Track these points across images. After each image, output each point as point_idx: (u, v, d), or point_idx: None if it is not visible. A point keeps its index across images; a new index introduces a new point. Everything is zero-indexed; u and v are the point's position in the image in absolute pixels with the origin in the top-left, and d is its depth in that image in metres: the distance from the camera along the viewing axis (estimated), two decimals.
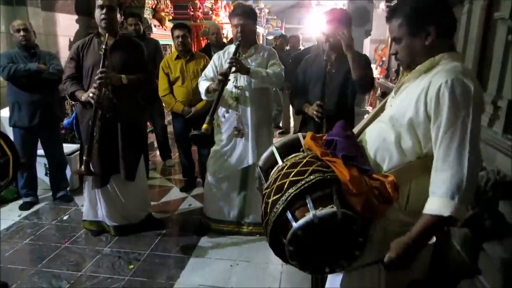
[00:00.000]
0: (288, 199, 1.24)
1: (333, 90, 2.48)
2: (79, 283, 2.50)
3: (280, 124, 7.05)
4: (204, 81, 2.89)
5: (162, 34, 6.02)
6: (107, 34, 2.71)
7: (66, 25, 5.35)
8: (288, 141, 1.56)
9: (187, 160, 4.04)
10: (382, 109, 1.50)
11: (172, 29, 3.76)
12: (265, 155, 1.56)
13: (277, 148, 1.52)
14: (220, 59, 2.91)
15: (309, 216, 1.19)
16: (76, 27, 5.54)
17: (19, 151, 2.15)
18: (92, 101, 2.63)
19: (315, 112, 2.43)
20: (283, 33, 10.17)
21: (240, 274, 2.59)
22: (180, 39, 3.63)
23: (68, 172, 3.83)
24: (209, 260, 2.76)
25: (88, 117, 2.72)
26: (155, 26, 6.12)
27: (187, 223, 3.35)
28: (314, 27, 10.29)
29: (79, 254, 2.84)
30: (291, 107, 6.60)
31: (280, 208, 1.25)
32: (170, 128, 4.66)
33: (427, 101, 1.24)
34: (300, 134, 1.55)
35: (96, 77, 2.63)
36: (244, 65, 2.70)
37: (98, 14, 2.74)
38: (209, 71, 2.94)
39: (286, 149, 1.52)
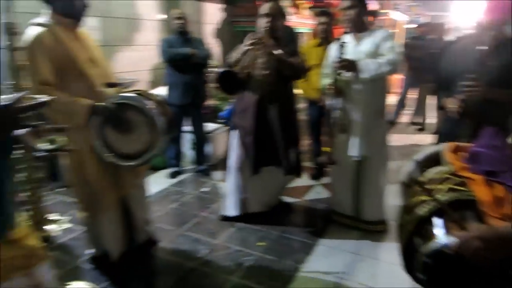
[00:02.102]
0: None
1: (490, 85, 2.16)
2: (215, 250, 2.74)
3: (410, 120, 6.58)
4: (325, 77, 2.87)
5: (298, 22, 6.08)
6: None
7: (212, 13, 5.79)
8: (431, 154, 1.43)
9: (318, 148, 4.06)
10: None
11: (316, 16, 3.78)
12: (406, 169, 1.46)
13: (419, 163, 1.40)
14: (334, 51, 2.79)
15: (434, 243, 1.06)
16: (219, 15, 5.96)
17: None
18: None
19: (455, 108, 2.19)
20: (427, 21, 9.37)
21: (366, 270, 2.53)
22: (324, 26, 3.64)
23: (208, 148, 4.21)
24: (335, 250, 2.76)
25: (244, 106, 2.88)
26: (291, 14, 6.21)
27: (315, 211, 3.39)
28: (463, 15, 9.26)
29: (216, 224, 3.11)
30: (427, 101, 6.16)
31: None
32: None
33: None
34: (443, 146, 1.41)
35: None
36: (351, 64, 2.54)
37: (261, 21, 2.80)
38: (327, 65, 2.90)
39: (429, 162, 1.39)
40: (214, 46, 5.43)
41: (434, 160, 1.38)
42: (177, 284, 2.38)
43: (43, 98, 1.62)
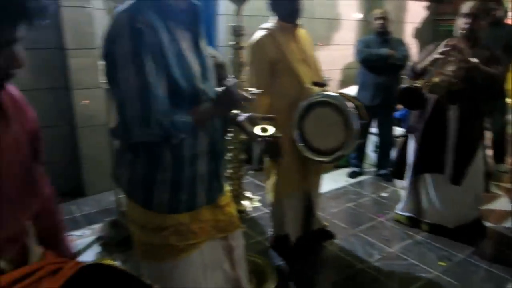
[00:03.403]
0: None
1: None
2: (389, 258, 2.65)
3: None
4: None
5: None
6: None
7: (414, 11, 5.48)
8: None
9: None
10: None
11: None
12: None
13: None
14: None
15: None
16: (422, 13, 5.59)
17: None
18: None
19: None
20: None
21: None
22: None
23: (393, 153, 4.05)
24: None
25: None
26: None
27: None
28: None
29: (391, 232, 3.00)
30: None
31: None
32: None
33: None
34: None
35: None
36: None
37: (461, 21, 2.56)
38: None
39: None
40: (412, 46, 5.15)
41: None
42: (346, 281, 2.42)
43: (253, 93, 1.90)
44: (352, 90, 4.22)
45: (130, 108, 1.16)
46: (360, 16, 4.95)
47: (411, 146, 2.88)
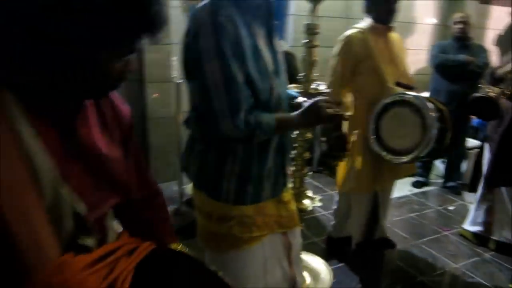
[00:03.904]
0: None
1: None
2: (453, 274, 2.51)
3: None
4: None
5: None
6: None
7: (497, 17, 5.11)
8: None
9: None
10: None
11: None
12: None
13: None
14: None
15: None
16: (506, 20, 5.19)
17: None
18: None
19: None
20: None
21: None
22: None
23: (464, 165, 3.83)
24: None
25: None
26: None
27: None
28: None
29: (457, 247, 2.83)
30: None
31: None
32: None
33: None
34: None
35: None
36: None
37: None
38: None
39: None
40: (493, 54, 4.82)
41: None
42: None
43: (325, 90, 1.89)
44: None
45: (218, 102, 1.19)
46: (435, 20, 4.72)
47: (487, 157, 2.70)
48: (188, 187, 3.20)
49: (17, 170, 0.62)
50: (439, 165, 4.04)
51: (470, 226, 2.90)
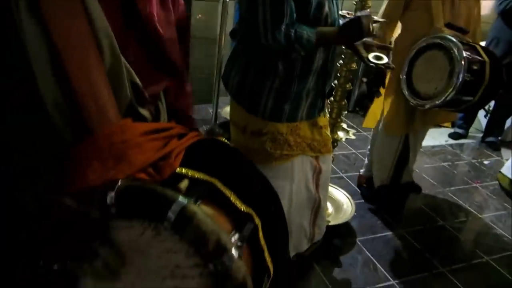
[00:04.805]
0: None
1: None
2: (475, 223, 2.54)
3: None
4: None
5: None
6: None
7: None
8: None
9: None
10: None
11: None
12: None
13: None
14: None
15: None
16: None
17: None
18: None
19: None
20: None
21: None
22: None
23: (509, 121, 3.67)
24: None
25: None
26: None
27: None
28: None
29: (484, 200, 2.82)
30: None
31: None
32: None
33: None
34: None
35: None
36: None
37: None
38: None
39: None
40: None
41: None
42: (422, 232, 2.37)
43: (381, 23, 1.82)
44: None
45: (262, 13, 1.20)
46: None
47: None
48: (224, 110, 3.27)
49: (81, 28, 0.65)
50: (482, 120, 3.89)
51: (508, 171, 2.88)
